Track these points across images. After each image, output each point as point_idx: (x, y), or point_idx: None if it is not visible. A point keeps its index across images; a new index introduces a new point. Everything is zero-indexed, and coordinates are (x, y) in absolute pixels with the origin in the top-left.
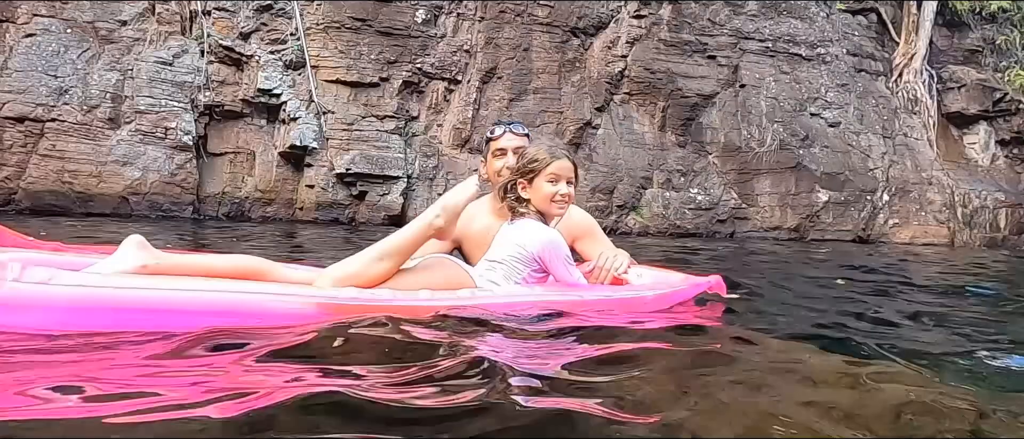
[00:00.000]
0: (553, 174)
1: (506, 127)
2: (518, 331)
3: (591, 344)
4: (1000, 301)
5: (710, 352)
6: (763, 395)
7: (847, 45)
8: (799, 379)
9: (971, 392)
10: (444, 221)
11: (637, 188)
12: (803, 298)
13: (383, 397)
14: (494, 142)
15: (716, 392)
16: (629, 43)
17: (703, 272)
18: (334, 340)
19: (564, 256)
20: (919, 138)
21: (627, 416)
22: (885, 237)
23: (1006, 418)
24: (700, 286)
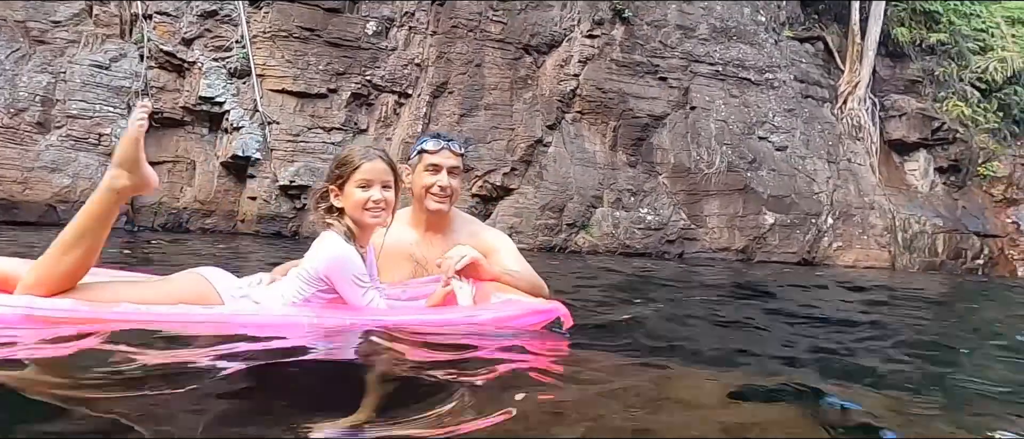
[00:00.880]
0: (364, 179)
1: (445, 143)
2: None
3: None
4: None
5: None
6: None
7: (795, 71)
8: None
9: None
10: (128, 178)
11: (587, 207)
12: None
13: None
14: (429, 156)
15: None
16: (581, 62)
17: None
18: None
19: (352, 275)
20: (862, 164)
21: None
22: (829, 260)
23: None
24: (538, 315)
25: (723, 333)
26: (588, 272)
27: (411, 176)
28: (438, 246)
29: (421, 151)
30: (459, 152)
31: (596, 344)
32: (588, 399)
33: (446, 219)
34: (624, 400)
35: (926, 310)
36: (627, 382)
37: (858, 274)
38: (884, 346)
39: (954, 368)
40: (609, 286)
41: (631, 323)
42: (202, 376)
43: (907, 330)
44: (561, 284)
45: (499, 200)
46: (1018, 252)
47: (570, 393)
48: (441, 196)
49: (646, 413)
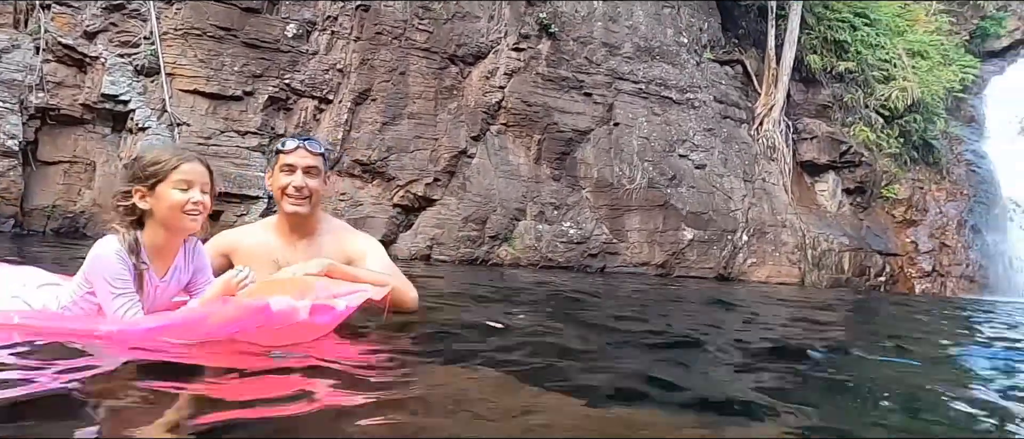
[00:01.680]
0: (184, 180)
1: (301, 143)
2: None
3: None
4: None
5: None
6: None
7: (715, 92)
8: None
9: None
10: None
11: (510, 219)
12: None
13: None
14: (284, 155)
15: None
16: (507, 75)
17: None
18: None
19: (107, 280)
20: (776, 183)
21: None
22: (744, 275)
23: None
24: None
25: (579, 345)
26: (498, 283)
27: (270, 178)
28: (302, 251)
29: (277, 151)
30: (317, 151)
31: (415, 351)
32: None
33: (310, 222)
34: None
35: (780, 320)
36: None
37: (772, 289)
38: (716, 358)
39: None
40: (503, 298)
41: (493, 333)
42: None
43: (753, 339)
44: (447, 294)
45: (421, 211)
46: (916, 270)
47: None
48: (297, 198)
49: (431, 417)
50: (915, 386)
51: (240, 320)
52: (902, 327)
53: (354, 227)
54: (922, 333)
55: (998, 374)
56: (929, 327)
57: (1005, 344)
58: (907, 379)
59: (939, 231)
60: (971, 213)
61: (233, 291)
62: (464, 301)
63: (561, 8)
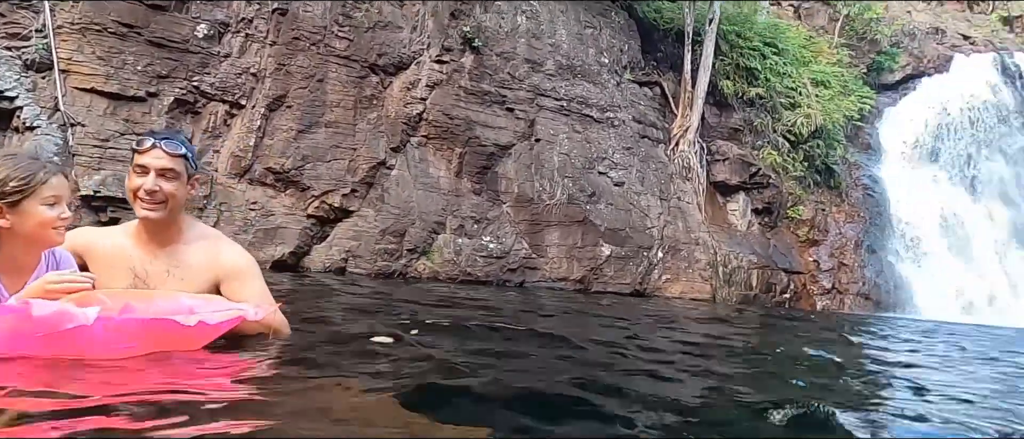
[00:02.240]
0: (53, 195)
1: (156, 141)
2: None
3: None
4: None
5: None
6: None
7: (634, 112)
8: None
9: None
10: None
11: (429, 233)
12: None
13: None
14: (137, 155)
15: None
16: (429, 87)
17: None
18: None
19: None
20: (690, 202)
21: None
22: (659, 291)
23: None
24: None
25: (464, 360)
26: (411, 297)
27: (129, 179)
28: (162, 260)
29: (132, 150)
30: (176, 152)
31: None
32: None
33: (172, 230)
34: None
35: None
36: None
37: (684, 305)
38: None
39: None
40: (403, 310)
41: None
42: None
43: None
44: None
45: (337, 222)
46: (817, 288)
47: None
48: (149, 202)
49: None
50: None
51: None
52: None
53: (265, 237)
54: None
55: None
56: (824, 341)
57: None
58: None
59: (838, 251)
60: (867, 234)
61: (55, 295)
62: (367, 315)
63: (485, 23)
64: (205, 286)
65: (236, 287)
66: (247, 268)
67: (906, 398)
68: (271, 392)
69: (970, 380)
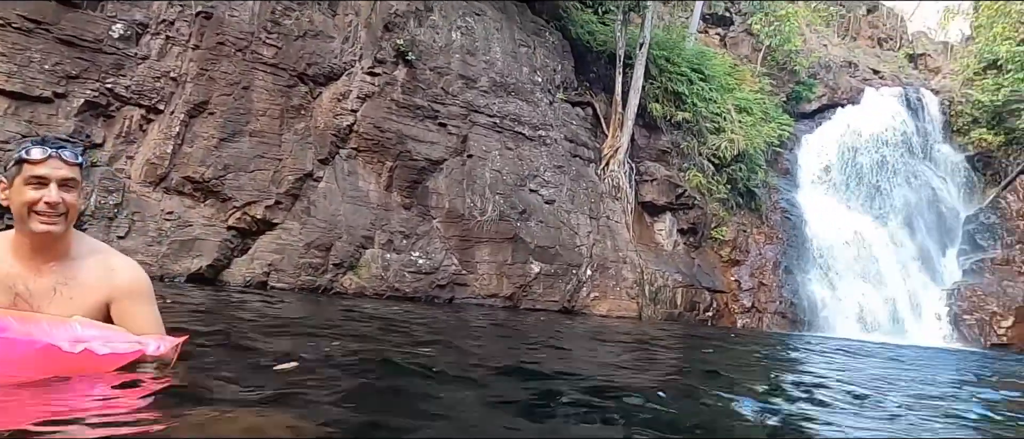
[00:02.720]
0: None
1: (53, 151)
2: None
3: None
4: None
5: None
6: None
7: (566, 132)
8: None
9: None
10: None
11: (357, 247)
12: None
13: None
14: (32, 166)
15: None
16: (361, 98)
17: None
18: None
19: None
20: (619, 221)
21: None
22: (587, 308)
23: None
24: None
25: (361, 382)
26: (331, 314)
27: (7, 191)
28: (48, 277)
29: (20, 161)
30: (74, 161)
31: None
32: None
33: (62, 243)
34: None
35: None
36: None
37: (611, 323)
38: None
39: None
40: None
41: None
42: None
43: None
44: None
45: (259, 235)
46: (738, 306)
47: None
48: (50, 215)
49: None
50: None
51: None
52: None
53: (181, 249)
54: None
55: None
56: (743, 359)
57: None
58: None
59: (758, 271)
60: (785, 255)
61: None
62: (281, 334)
63: (419, 37)
64: (96, 305)
65: (128, 308)
66: (143, 289)
67: (821, 410)
68: (157, 421)
69: (878, 393)
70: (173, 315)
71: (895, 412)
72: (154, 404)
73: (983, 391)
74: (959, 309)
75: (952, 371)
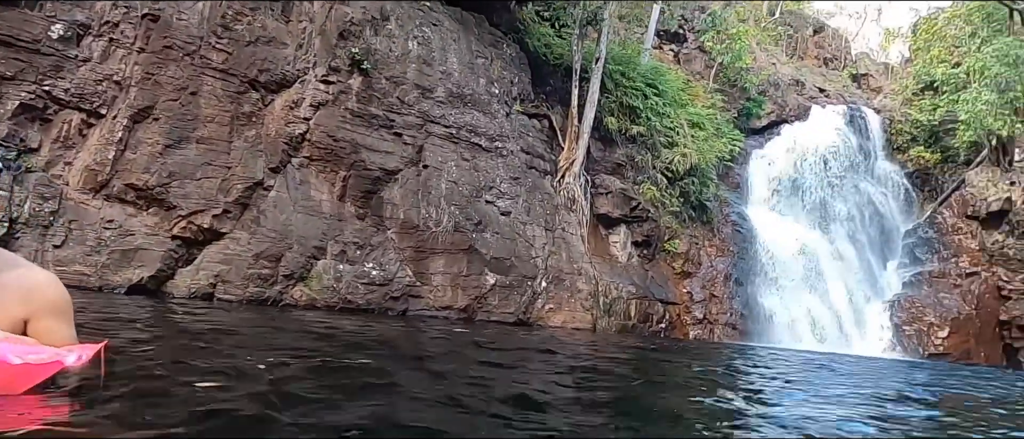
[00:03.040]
0: None
1: None
2: None
3: None
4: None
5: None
6: None
7: (522, 143)
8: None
9: None
10: None
11: (308, 258)
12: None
13: None
14: None
15: None
16: (314, 106)
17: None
18: None
19: None
20: (574, 233)
21: None
22: (542, 320)
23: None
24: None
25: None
26: (276, 326)
27: None
28: None
29: None
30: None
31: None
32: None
33: None
34: None
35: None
36: None
37: (567, 334)
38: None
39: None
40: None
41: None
42: None
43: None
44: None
45: (206, 244)
46: (690, 318)
47: None
48: None
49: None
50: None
51: None
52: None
53: (122, 259)
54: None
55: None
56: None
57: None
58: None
59: (710, 283)
60: (735, 267)
61: None
62: (217, 349)
63: (375, 46)
64: (13, 322)
65: (48, 327)
66: (63, 307)
67: (778, 414)
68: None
69: (821, 400)
70: (108, 327)
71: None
72: (59, 421)
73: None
74: (899, 320)
75: (869, 379)
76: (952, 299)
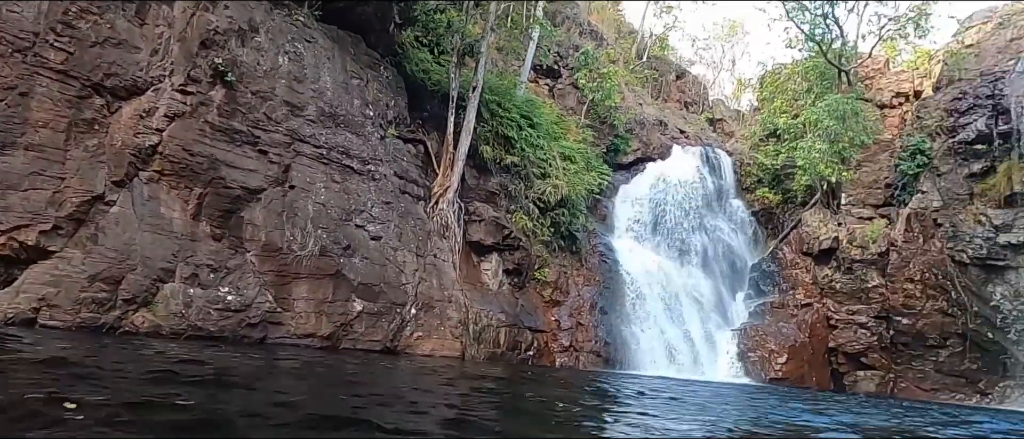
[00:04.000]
0: None
1: None
2: None
3: None
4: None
5: None
6: None
7: (396, 167)
8: None
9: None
10: None
11: (154, 281)
12: None
13: None
14: None
15: None
16: (169, 117)
17: None
18: None
19: None
20: (446, 260)
21: None
22: (410, 348)
23: None
24: None
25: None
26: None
27: None
28: None
29: None
30: None
31: None
32: None
33: None
34: None
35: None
36: None
37: (436, 363)
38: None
39: None
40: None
41: None
42: None
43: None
44: None
45: (30, 264)
46: (557, 345)
47: None
48: None
49: None
50: None
51: None
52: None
53: None
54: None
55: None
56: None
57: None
58: None
59: (577, 311)
60: (601, 296)
61: None
62: (15, 381)
63: (241, 57)
64: None
65: None
66: None
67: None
68: None
69: (687, 420)
70: None
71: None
72: None
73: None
74: (745, 347)
75: (694, 402)
76: (789, 328)
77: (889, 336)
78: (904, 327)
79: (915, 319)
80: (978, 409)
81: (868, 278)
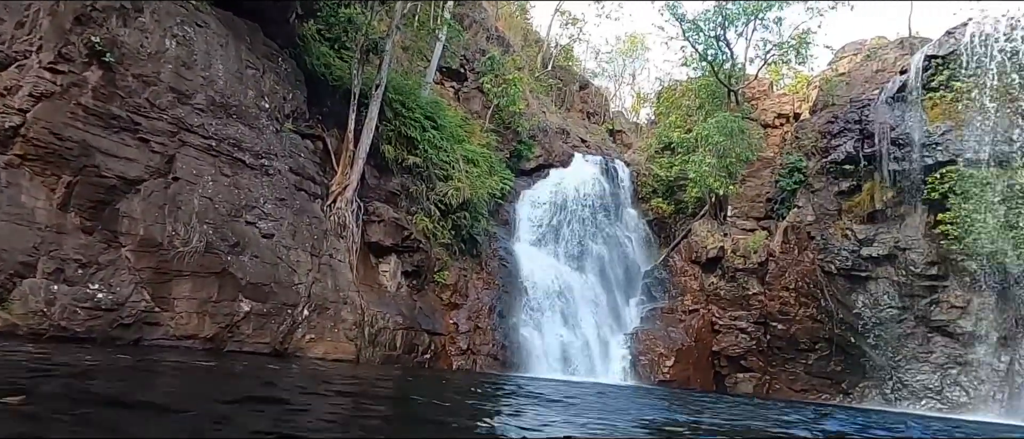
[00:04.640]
0: None
1: None
2: None
3: None
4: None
5: None
6: None
7: (291, 163)
8: None
9: None
10: None
11: (10, 276)
12: None
13: None
14: None
15: None
16: (34, 97)
17: None
18: None
19: None
20: (342, 261)
21: None
22: (301, 351)
23: None
24: None
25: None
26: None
27: None
28: None
29: None
30: None
31: None
32: None
33: None
34: None
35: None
36: None
37: (327, 366)
38: None
39: None
40: None
41: None
42: None
43: None
44: None
45: None
46: (455, 348)
47: None
48: None
49: None
50: None
51: None
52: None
53: None
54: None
55: None
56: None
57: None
58: None
59: (475, 314)
60: (500, 300)
61: None
62: None
63: (122, 37)
64: None
65: None
66: None
67: None
68: None
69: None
70: None
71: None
72: None
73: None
74: (636, 351)
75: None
76: (677, 332)
77: (766, 340)
78: (779, 332)
79: (789, 325)
80: (841, 407)
81: (749, 286)
